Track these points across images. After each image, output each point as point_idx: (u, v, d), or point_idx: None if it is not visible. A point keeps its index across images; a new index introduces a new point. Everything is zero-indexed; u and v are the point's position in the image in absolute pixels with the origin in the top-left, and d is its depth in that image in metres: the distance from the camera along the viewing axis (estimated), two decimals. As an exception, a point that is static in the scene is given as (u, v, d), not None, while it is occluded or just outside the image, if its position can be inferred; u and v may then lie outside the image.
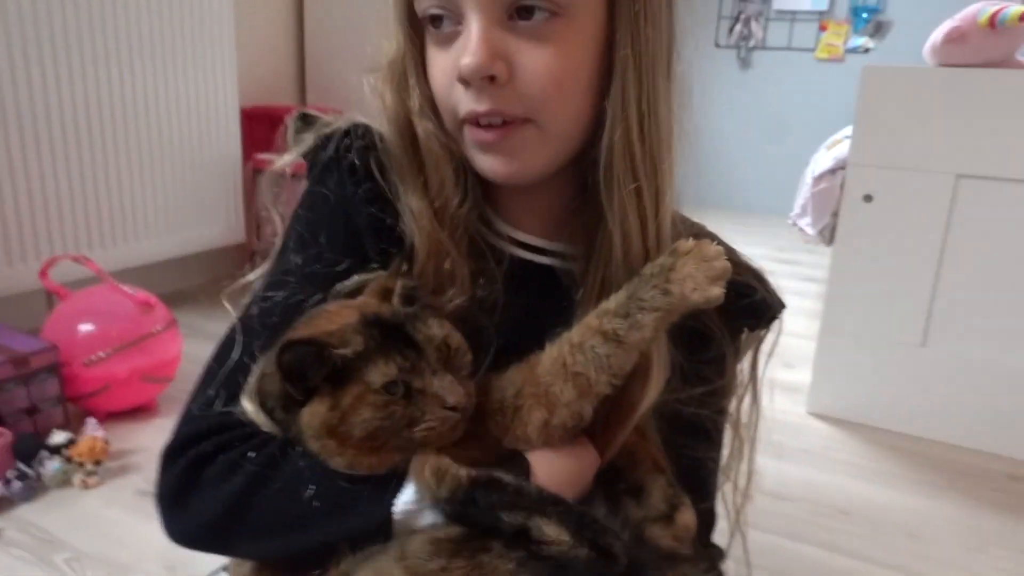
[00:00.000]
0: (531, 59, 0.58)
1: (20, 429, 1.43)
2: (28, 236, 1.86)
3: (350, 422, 0.53)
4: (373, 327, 0.56)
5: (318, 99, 2.84)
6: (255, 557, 0.61)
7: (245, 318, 0.66)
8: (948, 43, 1.57)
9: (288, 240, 0.70)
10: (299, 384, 0.54)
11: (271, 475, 0.57)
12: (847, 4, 4.15)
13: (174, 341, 1.68)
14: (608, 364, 0.57)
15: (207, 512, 0.58)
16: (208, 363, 0.66)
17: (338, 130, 0.70)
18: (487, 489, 0.52)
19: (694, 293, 0.55)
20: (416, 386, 0.54)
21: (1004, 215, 1.60)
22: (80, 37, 1.88)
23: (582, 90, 0.61)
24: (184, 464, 0.60)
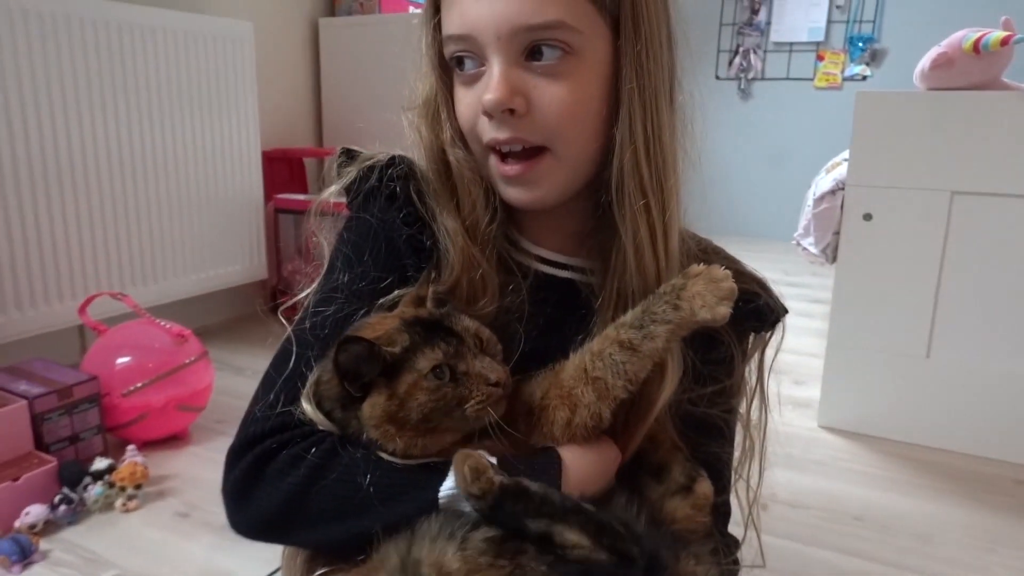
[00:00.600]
0: (546, 93, 0.65)
1: (64, 457, 1.50)
2: (65, 276, 1.95)
3: (408, 407, 0.59)
4: (415, 326, 0.63)
5: (334, 141, 2.95)
6: (312, 544, 0.66)
7: (298, 331, 0.72)
8: (935, 68, 1.65)
9: (335, 261, 0.76)
10: (355, 381, 0.61)
11: (329, 467, 0.62)
12: (843, 34, 4.26)
13: (206, 371, 1.76)
14: (624, 370, 0.63)
15: (271, 504, 0.64)
16: (266, 372, 0.72)
17: (379, 162, 0.78)
18: (515, 497, 0.57)
19: (702, 310, 0.61)
20: (460, 369, 0.61)
21: (998, 228, 1.66)
22: (115, 89, 2.00)
23: (592, 119, 0.68)
24: (249, 461, 0.65)
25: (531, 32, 0.63)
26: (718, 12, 4.49)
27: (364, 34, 2.81)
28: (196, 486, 1.55)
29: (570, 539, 0.56)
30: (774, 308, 0.80)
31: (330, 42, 2.89)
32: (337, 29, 2.87)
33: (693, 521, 0.66)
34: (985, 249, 1.68)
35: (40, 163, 1.85)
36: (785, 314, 0.81)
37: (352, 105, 2.90)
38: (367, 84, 2.85)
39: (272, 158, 2.73)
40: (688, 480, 0.68)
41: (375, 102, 2.85)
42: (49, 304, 1.92)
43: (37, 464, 1.43)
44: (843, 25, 4.25)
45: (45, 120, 1.85)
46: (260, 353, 2.34)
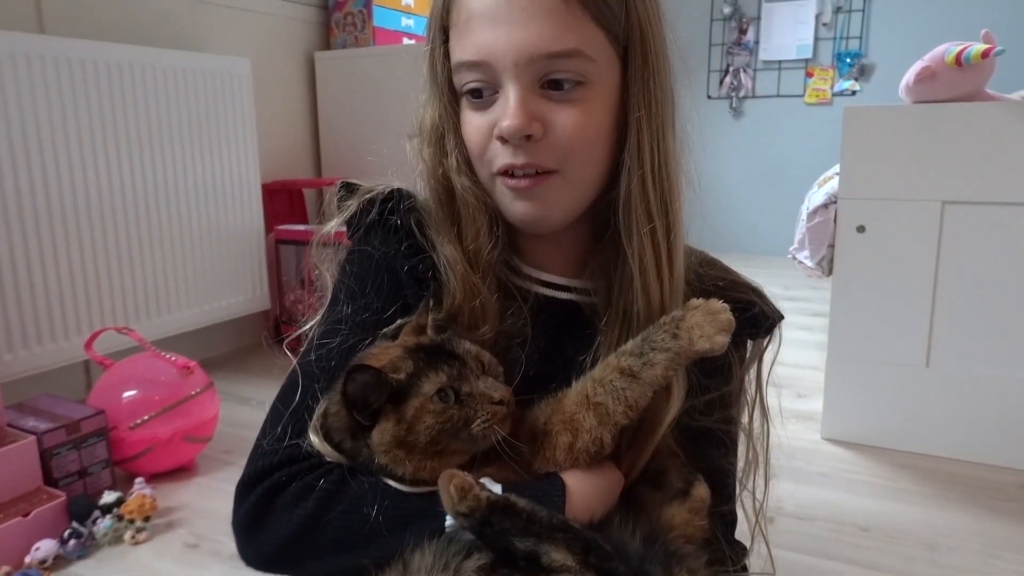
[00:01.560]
0: (561, 119, 0.67)
1: (72, 491, 1.51)
2: (70, 312, 1.97)
3: (416, 431, 0.61)
4: (418, 352, 0.65)
5: (332, 171, 2.99)
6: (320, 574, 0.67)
7: (304, 364, 0.73)
8: (920, 82, 1.68)
9: (339, 293, 0.78)
10: (364, 410, 0.62)
11: (337, 498, 0.64)
12: (831, 50, 4.33)
13: (212, 402, 1.77)
14: (624, 396, 0.65)
15: (280, 536, 0.65)
16: (273, 405, 0.73)
17: (379, 195, 0.79)
18: (503, 513, 0.57)
19: (701, 340, 0.64)
20: (464, 390, 0.63)
21: (990, 236, 1.69)
22: (116, 128, 2.03)
23: (602, 144, 0.71)
24: (259, 494, 0.66)
25: (549, 60, 0.65)
26: (707, 33, 4.56)
27: (359, 66, 2.86)
28: (204, 517, 1.55)
29: (556, 559, 0.56)
30: (769, 315, 0.81)
31: (326, 75, 2.94)
32: (332, 62, 2.92)
33: (691, 526, 0.67)
34: (978, 257, 1.71)
35: (44, 202, 1.88)
36: (781, 320, 0.82)
37: (349, 136, 2.94)
38: (363, 115, 2.89)
39: (272, 190, 2.77)
40: (685, 485, 0.69)
41: (371, 132, 2.90)
42: (55, 340, 1.94)
43: (46, 499, 1.44)
44: (830, 42, 4.32)
45: (48, 160, 1.88)
46: (265, 383, 2.36)
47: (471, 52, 0.67)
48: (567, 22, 0.64)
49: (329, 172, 3.01)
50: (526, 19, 0.64)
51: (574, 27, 0.64)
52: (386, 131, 2.88)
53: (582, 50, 0.65)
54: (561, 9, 0.64)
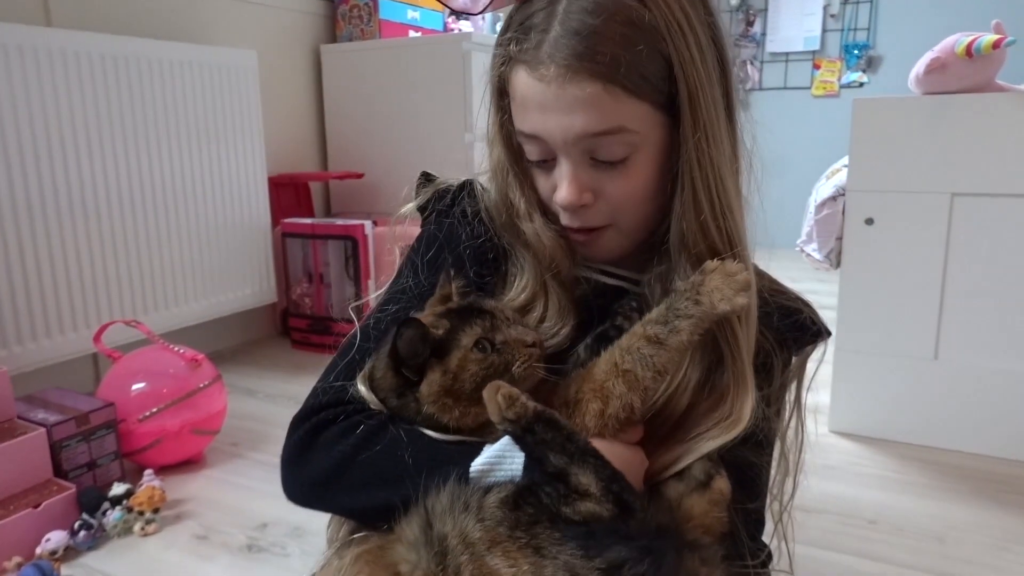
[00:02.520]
0: (610, 186, 0.72)
1: (82, 483, 1.52)
2: (78, 305, 1.98)
3: (461, 379, 0.67)
4: (449, 313, 0.71)
5: (338, 166, 2.99)
6: (351, 511, 0.72)
7: (364, 326, 0.80)
8: (930, 73, 1.67)
9: (403, 268, 0.85)
10: (412, 362, 0.68)
11: (377, 439, 0.69)
12: (838, 42, 4.30)
13: (220, 395, 1.77)
14: (652, 363, 0.68)
15: (320, 469, 0.71)
16: (332, 359, 0.80)
17: (452, 186, 0.88)
18: (546, 425, 0.62)
19: (722, 303, 0.67)
20: (499, 340, 0.68)
21: (999, 228, 1.67)
22: (123, 121, 2.04)
23: (653, 196, 0.75)
24: (306, 429, 0.73)
25: (594, 139, 0.69)
26: (714, 25, 4.53)
27: (365, 59, 2.86)
28: (213, 508, 1.56)
29: (583, 482, 0.60)
30: (815, 323, 0.84)
31: (332, 68, 2.94)
32: (338, 55, 2.92)
33: (709, 517, 0.68)
34: (987, 249, 1.70)
35: (52, 195, 1.88)
36: (828, 335, 0.85)
37: (355, 129, 2.94)
38: (369, 107, 2.89)
39: (278, 183, 2.77)
40: (706, 477, 0.70)
41: (377, 125, 2.90)
42: (63, 333, 1.95)
43: (56, 491, 1.45)
44: (838, 33, 4.29)
45: (56, 153, 1.88)
46: (272, 376, 2.37)
47: (527, 127, 0.72)
48: (609, 105, 0.67)
49: (335, 166, 3.01)
50: (571, 108, 0.67)
51: (616, 108, 0.68)
52: (392, 124, 2.88)
53: (625, 126, 0.69)
54: (603, 96, 0.67)
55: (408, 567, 0.59)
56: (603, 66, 0.65)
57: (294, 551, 1.40)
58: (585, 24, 0.66)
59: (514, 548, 0.57)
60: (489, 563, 0.57)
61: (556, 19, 0.67)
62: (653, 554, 0.58)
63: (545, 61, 0.67)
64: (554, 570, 0.56)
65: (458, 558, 0.57)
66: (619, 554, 0.57)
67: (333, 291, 2.61)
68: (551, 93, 0.67)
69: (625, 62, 0.66)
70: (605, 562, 0.56)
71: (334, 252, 2.59)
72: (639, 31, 0.66)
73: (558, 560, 0.56)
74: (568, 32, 0.66)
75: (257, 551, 1.40)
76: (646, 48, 0.67)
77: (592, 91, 0.66)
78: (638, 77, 0.67)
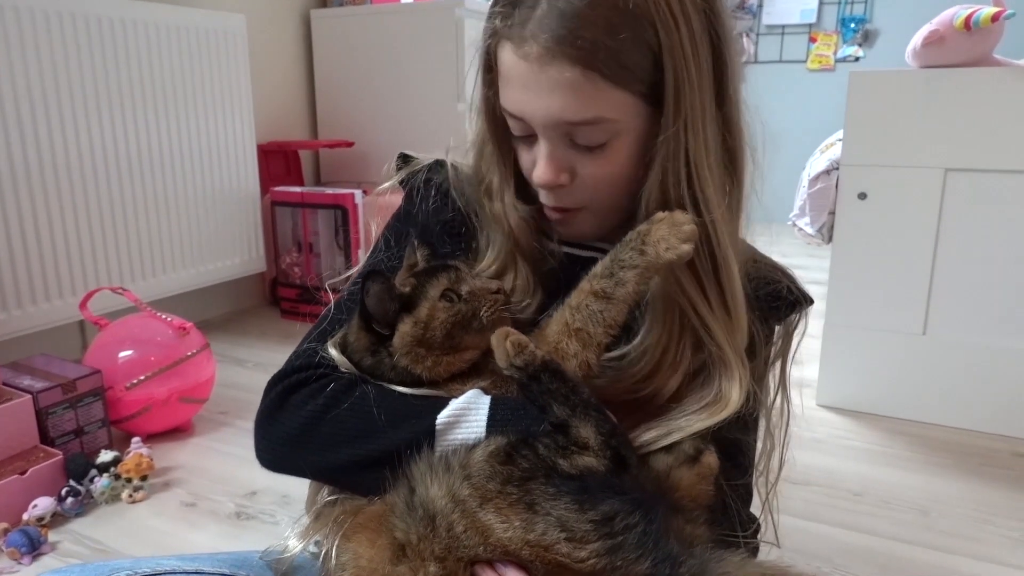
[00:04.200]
0: (588, 168, 0.72)
1: (69, 450, 1.51)
2: (64, 272, 1.96)
3: (432, 327, 0.68)
4: (417, 274, 0.74)
5: (328, 133, 2.96)
6: (321, 471, 0.72)
7: (339, 298, 0.83)
8: (927, 46, 1.66)
9: (379, 242, 0.87)
10: (381, 318, 0.70)
11: (344, 397, 0.70)
12: (835, 15, 4.26)
13: (208, 363, 1.76)
14: (603, 318, 0.68)
15: (289, 429, 0.72)
16: (310, 328, 0.82)
17: (425, 164, 0.88)
18: (552, 375, 0.63)
19: (667, 252, 0.65)
20: (464, 290, 0.70)
21: (992, 205, 1.67)
22: (108, 86, 2.00)
23: (629, 178, 0.73)
24: (278, 391, 0.74)
25: (572, 126, 0.68)
26: (710, -4, 4.48)
27: (356, 25, 2.81)
28: (201, 476, 1.56)
29: (583, 434, 0.61)
30: (795, 293, 0.82)
31: (322, 34, 2.89)
32: (329, 20, 2.87)
33: (696, 489, 0.68)
34: (979, 225, 1.70)
35: (36, 161, 1.85)
36: (810, 304, 0.84)
37: (346, 96, 2.90)
38: (360, 75, 2.85)
39: (267, 151, 2.74)
40: (695, 452, 0.70)
41: (368, 92, 2.86)
42: (50, 300, 1.93)
43: (43, 458, 1.44)
44: (835, 6, 4.25)
45: (40, 118, 1.85)
46: (260, 344, 2.36)
47: (510, 105, 0.71)
48: (588, 93, 0.66)
49: (325, 134, 2.97)
50: (551, 90, 0.66)
51: (595, 96, 0.66)
52: (383, 92, 2.84)
53: (604, 116, 0.67)
54: (582, 82, 0.65)
55: (402, 533, 0.59)
56: (584, 51, 0.64)
57: (283, 519, 1.40)
58: (571, 6, 0.64)
59: (505, 504, 0.57)
60: (482, 519, 0.57)
61: None
62: (643, 507, 0.58)
63: (528, 39, 0.66)
64: (545, 526, 0.56)
65: (448, 517, 0.57)
66: (612, 506, 0.57)
67: (322, 261, 2.59)
68: (532, 73, 0.67)
69: (607, 49, 0.64)
70: (599, 514, 0.57)
71: (324, 221, 2.57)
72: (625, 18, 0.64)
73: (550, 516, 0.57)
74: (553, 12, 0.65)
75: (246, 519, 1.41)
76: (631, 36, 0.65)
77: (571, 76, 0.65)
78: (619, 66, 0.65)
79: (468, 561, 0.57)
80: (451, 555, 0.57)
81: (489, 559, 0.57)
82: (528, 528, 0.56)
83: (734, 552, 0.60)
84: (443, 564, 0.57)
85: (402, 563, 0.58)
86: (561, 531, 0.56)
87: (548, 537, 0.56)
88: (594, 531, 0.56)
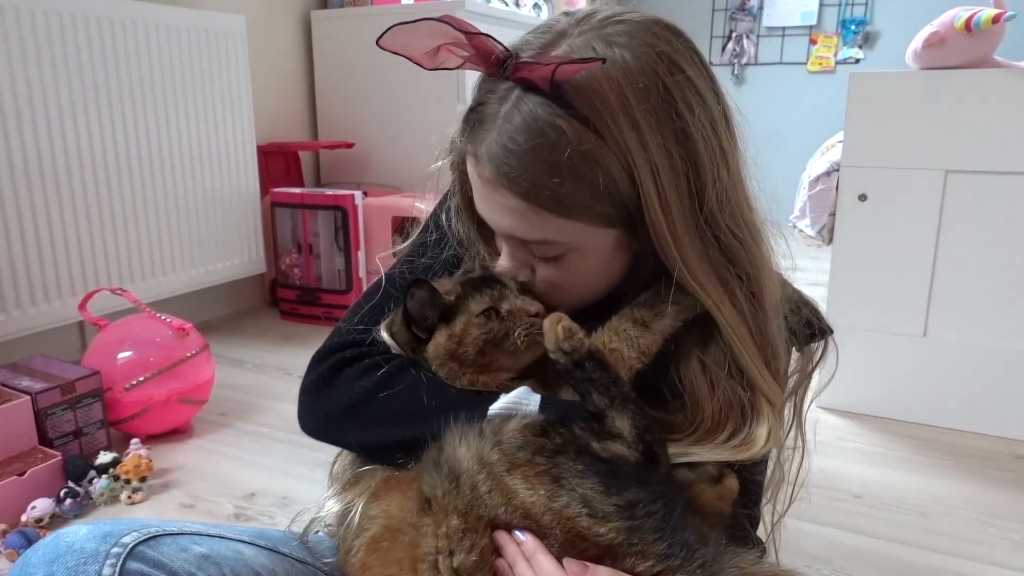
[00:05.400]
0: (547, 275, 0.73)
1: (68, 451, 1.51)
2: (64, 273, 1.95)
3: (465, 343, 0.69)
4: (465, 282, 0.74)
5: (328, 134, 2.96)
6: (363, 445, 0.73)
7: (390, 273, 0.83)
8: (928, 48, 1.66)
9: (429, 221, 0.87)
10: (421, 323, 0.71)
11: (397, 380, 0.71)
12: (835, 17, 4.26)
13: (207, 364, 1.76)
14: (637, 344, 0.70)
15: (339, 402, 0.73)
16: (357, 301, 0.83)
17: None
18: (596, 364, 0.64)
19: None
20: (504, 308, 0.70)
21: (993, 206, 1.67)
22: (108, 86, 2.00)
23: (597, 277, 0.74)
24: (329, 364, 0.75)
25: (526, 242, 0.70)
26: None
27: (356, 27, 2.81)
28: (200, 478, 1.56)
29: (618, 426, 0.62)
30: (816, 323, 0.84)
31: (323, 35, 2.89)
32: (329, 22, 2.87)
33: (714, 506, 0.69)
34: (980, 227, 1.69)
35: (36, 161, 1.85)
36: (830, 333, 0.85)
37: (346, 98, 2.90)
38: (360, 77, 2.85)
39: (268, 152, 2.73)
40: (719, 474, 0.71)
41: (368, 94, 2.86)
42: (49, 301, 1.93)
43: (42, 459, 1.44)
44: (835, 8, 4.25)
45: (40, 118, 1.85)
46: (260, 346, 2.36)
47: (476, 206, 0.73)
48: (534, 221, 0.67)
49: (325, 135, 2.97)
50: (500, 211, 0.69)
51: (542, 224, 0.67)
52: (384, 93, 2.84)
53: (552, 239, 0.69)
54: (527, 211, 0.66)
55: (428, 488, 0.61)
56: (524, 188, 0.65)
57: (282, 521, 1.40)
58: (514, 142, 0.64)
59: (532, 473, 0.59)
60: (508, 483, 0.59)
61: (497, 122, 0.66)
62: (666, 498, 0.60)
63: (483, 161, 0.67)
64: (569, 500, 0.58)
65: (474, 477, 0.59)
66: (636, 495, 0.59)
67: (322, 262, 2.59)
68: (486, 191, 0.69)
69: (547, 188, 0.64)
70: (623, 500, 0.58)
71: (324, 222, 2.57)
72: (568, 160, 0.63)
73: (575, 492, 0.58)
74: (500, 143, 0.65)
75: (245, 520, 1.40)
76: (574, 177, 0.64)
77: (515, 205, 0.67)
78: (561, 204, 0.65)
79: (488, 521, 0.59)
80: (472, 511, 0.59)
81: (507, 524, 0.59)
82: (552, 498, 0.58)
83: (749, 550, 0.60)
84: (465, 518, 0.58)
85: (427, 515, 0.59)
86: (583, 507, 0.58)
87: (570, 510, 0.58)
88: (616, 513, 0.57)
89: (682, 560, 0.56)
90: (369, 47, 2.78)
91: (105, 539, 0.61)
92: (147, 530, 0.63)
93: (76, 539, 0.61)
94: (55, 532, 0.63)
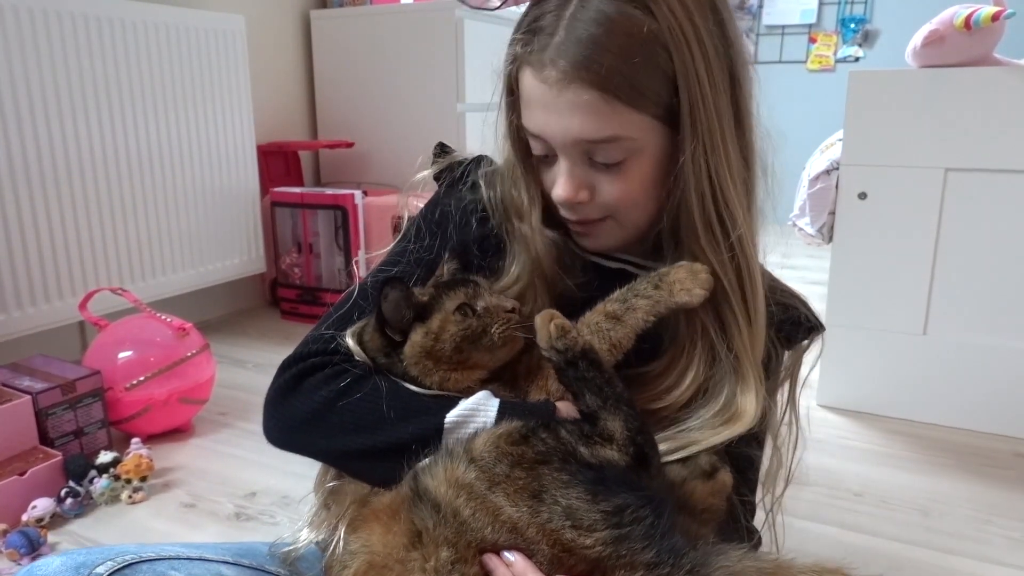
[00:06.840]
0: (606, 186, 0.74)
1: (69, 451, 1.51)
2: (64, 273, 1.95)
3: (442, 340, 0.69)
4: (438, 285, 0.75)
5: (328, 134, 2.96)
6: (327, 455, 0.74)
7: (363, 283, 0.83)
8: (927, 46, 1.65)
9: (408, 231, 0.87)
10: (396, 324, 0.71)
11: (357, 388, 0.71)
12: (835, 15, 4.26)
13: (208, 364, 1.76)
14: (609, 336, 0.71)
15: (300, 412, 0.73)
16: (328, 311, 0.83)
17: (466, 159, 0.89)
18: (590, 364, 0.64)
19: (681, 293, 0.71)
20: (480, 306, 0.71)
21: (992, 204, 1.67)
22: (108, 86, 2.00)
23: (652, 195, 0.76)
24: (292, 373, 0.75)
25: (591, 144, 0.71)
26: (710, -4, 4.47)
27: (356, 26, 2.81)
28: (201, 477, 1.56)
29: (610, 427, 0.62)
30: (811, 320, 0.86)
31: (322, 34, 2.89)
32: (329, 21, 2.87)
33: (708, 502, 0.69)
34: (980, 225, 1.69)
35: (36, 161, 1.85)
36: (823, 330, 0.86)
37: (345, 97, 2.90)
38: (360, 75, 2.85)
39: (267, 152, 2.73)
40: (711, 468, 0.71)
41: (367, 93, 2.86)
42: (49, 301, 1.93)
43: (43, 459, 1.44)
44: (835, 7, 4.25)
45: (40, 118, 1.84)
46: (260, 345, 2.36)
47: (531, 125, 0.74)
48: (605, 113, 0.69)
49: (325, 134, 2.97)
50: (570, 112, 0.69)
51: (612, 117, 0.69)
52: (383, 93, 2.84)
53: (621, 135, 0.70)
54: (600, 104, 0.68)
55: (420, 520, 0.60)
56: (600, 76, 0.67)
57: (283, 520, 1.40)
58: (588, 33, 0.67)
59: (512, 490, 0.58)
60: (493, 500, 0.58)
61: (563, 24, 0.68)
62: (654, 503, 0.59)
63: (548, 64, 0.69)
64: (550, 516, 0.57)
65: (453, 503, 0.58)
66: (624, 499, 0.58)
67: (322, 261, 2.59)
68: (551, 95, 0.69)
69: (623, 74, 0.67)
70: (611, 505, 0.57)
71: (324, 222, 2.57)
72: (641, 43, 0.67)
73: (557, 506, 0.57)
74: (571, 39, 0.67)
75: (245, 519, 1.40)
76: (646, 61, 0.67)
77: (589, 99, 0.68)
78: (635, 89, 0.68)
79: (478, 547, 0.58)
80: (461, 539, 0.58)
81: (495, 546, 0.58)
82: (534, 514, 0.57)
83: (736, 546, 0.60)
84: (455, 548, 0.57)
85: (417, 549, 0.59)
86: (567, 519, 0.57)
87: (553, 524, 0.57)
88: (603, 521, 0.57)
89: (671, 567, 0.56)
90: (369, 46, 2.79)
91: (78, 571, 0.60)
92: (123, 558, 0.63)
93: (48, 572, 0.60)
94: (27, 566, 0.62)
